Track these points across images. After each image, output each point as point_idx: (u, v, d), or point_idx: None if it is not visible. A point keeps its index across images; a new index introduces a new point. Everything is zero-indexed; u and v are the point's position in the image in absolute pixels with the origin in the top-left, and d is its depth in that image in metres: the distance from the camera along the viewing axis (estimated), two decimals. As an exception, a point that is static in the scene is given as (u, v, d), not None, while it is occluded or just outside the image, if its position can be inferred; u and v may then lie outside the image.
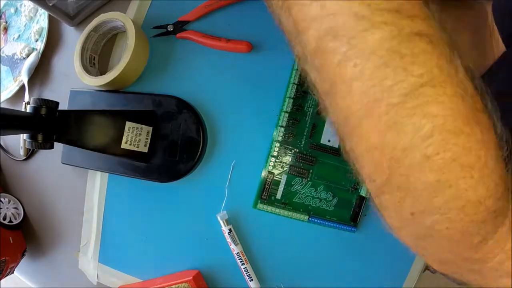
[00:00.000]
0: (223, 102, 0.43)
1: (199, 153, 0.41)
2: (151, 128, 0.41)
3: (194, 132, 0.41)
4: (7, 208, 0.48)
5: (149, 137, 0.41)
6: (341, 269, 0.43)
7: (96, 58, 0.46)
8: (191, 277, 0.40)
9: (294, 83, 0.41)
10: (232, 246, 0.41)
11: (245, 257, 0.41)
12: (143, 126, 0.41)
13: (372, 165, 0.20)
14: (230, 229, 0.41)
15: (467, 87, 0.18)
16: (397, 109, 0.17)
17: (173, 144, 0.41)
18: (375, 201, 0.23)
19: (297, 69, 0.41)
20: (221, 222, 0.41)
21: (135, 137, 0.40)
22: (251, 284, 0.41)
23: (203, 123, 0.42)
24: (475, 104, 0.19)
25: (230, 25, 0.43)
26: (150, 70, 0.44)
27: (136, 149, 0.41)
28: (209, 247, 0.43)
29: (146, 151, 0.41)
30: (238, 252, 0.41)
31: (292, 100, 0.41)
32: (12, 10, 0.54)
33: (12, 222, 0.47)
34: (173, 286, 0.41)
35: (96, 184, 0.45)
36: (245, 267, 0.41)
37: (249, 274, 0.41)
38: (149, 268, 0.44)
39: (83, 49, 0.43)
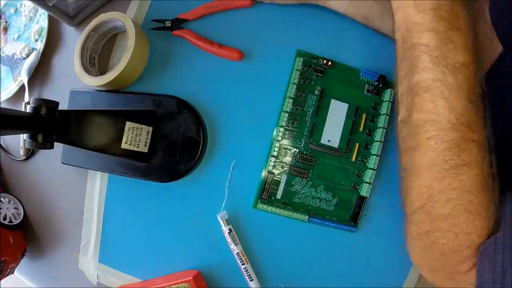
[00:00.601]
0: (223, 102, 0.43)
1: (199, 153, 0.41)
2: (151, 128, 0.41)
3: (194, 132, 0.41)
4: (7, 208, 0.48)
5: (149, 137, 0.41)
6: (341, 269, 0.43)
7: (96, 58, 0.46)
8: (191, 277, 0.40)
9: (294, 83, 0.41)
10: (232, 246, 0.41)
11: (245, 257, 0.41)
12: (143, 126, 0.41)
13: (417, 194, 0.31)
14: (230, 229, 0.41)
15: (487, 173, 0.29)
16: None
17: (173, 144, 0.41)
18: (406, 221, 0.33)
19: (297, 69, 0.41)
20: (221, 222, 0.41)
21: (135, 137, 0.40)
22: (251, 284, 0.41)
23: (203, 123, 0.41)
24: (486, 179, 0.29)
25: (227, 30, 0.43)
26: (150, 70, 0.44)
27: (136, 149, 0.41)
28: (209, 247, 0.43)
29: (146, 151, 0.41)
30: (238, 252, 0.41)
31: (292, 100, 0.41)
32: (12, 10, 0.54)
33: (12, 222, 0.47)
34: (173, 286, 0.41)
35: (96, 184, 0.45)
36: (245, 267, 0.41)
37: (249, 274, 0.41)
38: (149, 268, 0.44)
39: (83, 49, 0.43)
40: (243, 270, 0.41)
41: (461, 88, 0.28)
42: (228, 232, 0.41)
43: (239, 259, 0.41)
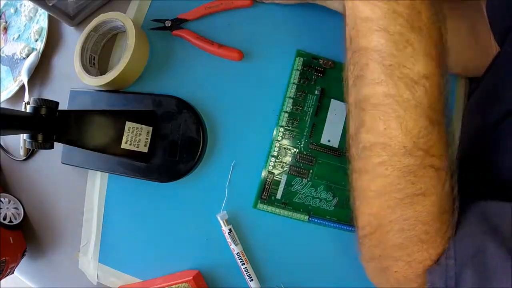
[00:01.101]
0: (223, 102, 0.43)
1: (199, 153, 0.41)
2: (151, 128, 0.41)
3: (194, 132, 0.41)
4: (7, 208, 0.48)
5: (149, 137, 0.41)
6: (341, 269, 0.43)
7: (96, 58, 0.46)
8: (191, 277, 0.40)
9: (294, 83, 0.41)
10: (232, 246, 0.41)
11: (245, 257, 0.41)
12: (143, 126, 0.41)
13: (366, 221, 0.28)
14: (230, 229, 0.41)
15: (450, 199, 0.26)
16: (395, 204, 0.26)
17: (173, 144, 0.41)
18: (358, 241, 0.31)
19: (297, 69, 0.41)
20: (221, 222, 0.41)
21: (135, 137, 0.40)
22: (251, 284, 0.41)
23: (203, 123, 0.41)
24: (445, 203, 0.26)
25: (227, 30, 0.43)
26: (150, 70, 0.44)
27: (136, 149, 0.41)
28: (209, 247, 0.43)
29: (146, 151, 0.41)
30: (238, 252, 0.41)
31: (292, 100, 0.41)
32: (12, 10, 0.54)
33: (12, 222, 0.47)
34: (173, 286, 0.41)
35: (96, 184, 0.45)
36: (245, 267, 0.41)
37: (249, 274, 0.41)
38: (149, 268, 0.44)
39: (83, 49, 0.43)
40: (243, 270, 0.41)
41: (419, 106, 0.23)
42: (228, 232, 0.41)
43: (239, 259, 0.41)
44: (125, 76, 0.42)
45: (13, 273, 0.49)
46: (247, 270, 0.41)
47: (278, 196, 0.41)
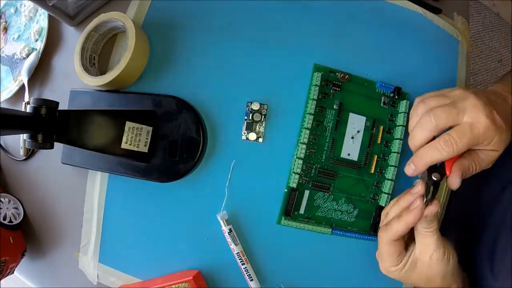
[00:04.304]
0: (223, 102, 0.43)
1: (199, 153, 0.41)
2: (151, 128, 0.41)
3: (194, 132, 0.41)
4: (7, 208, 0.48)
5: (149, 137, 0.41)
6: (341, 270, 0.43)
7: (96, 58, 0.46)
8: (191, 277, 0.40)
9: (313, 99, 0.41)
10: (232, 246, 0.41)
11: (245, 257, 0.41)
12: (143, 126, 0.41)
13: None
14: (230, 229, 0.41)
15: None
16: None
17: (173, 144, 0.41)
18: None
19: (316, 84, 0.41)
20: (221, 222, 0.41)
21: (135, 137, 0.40)
22: (251, 284, 0.41)
23: (203, 123, 0.41)
24: None
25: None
26: (150, 70, 0.44)
27: (136, 149, 0.41)
28: (209, 247, 0.43)
29: (146, 151, 0.41)
30: (238, 252, 0.41)
31: (312, 117, 0.40)
32: (12, 10, 0.54)
33: (12, 222, 0.47)
34: (173, 286, 0.41)
35: (96, 184, 0.45)
36: (245, 267, 0.41)
37: (249, 274, 0.41)
38: (149, 268, 0.44)
39: (83, 49, 0.43)
40: (243, 270, 0.41)
41: None
42: (228, 232, 0.41)
43: (239, 259, 0.41)
44: (125, 76, 0.42)
45: (13, 273, 0.49)
46: (247, 270, 0.41)
47: (301, 211, 0.42)
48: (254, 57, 0.43)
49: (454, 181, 0.35)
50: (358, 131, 0.41)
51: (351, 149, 0.41)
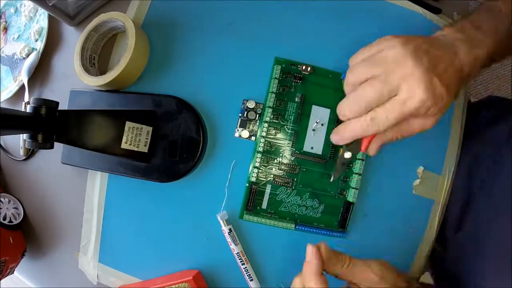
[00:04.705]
0: (223, 102, 0.43)
1: (199, 153, 0.41)
2: (151, 128, 0.41)
3: (194, 132, 0.41)
4: (7, 208, 0.48)
5: (149, 137, 0.41)
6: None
7: (96, 58, 0.46)
8: (191, 277, 0.40)
9: (272, 92, 0.40)
10: (232, 246, 0.41)
11: (245, 257, 0.41)
12: (143, 126, 0.41)
13: None
14: (230, 229, 0.41)
15: None
16: None
17: (173, 144, 0.41)
18: None
19: (275, 77, 0.41)
20: (221, 222, 0.41)
21: (135, 137, 0.40)
22: (251, 284, 0.41)
23: (203, 123, 0.41)
24: None
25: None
26: (150, 70, 0.44)
27: (136, 149, 0.41)
28: (209, 247, 0.43)
29: (146, 151, 0.41)
30: (238, 252, 0.41)
31: (271, 110, 0.40)
32: (12, 10, 0.54)
33: (12, 222, 0.47)
34: (173, 286, 0.41)
35: (96, 184, 0.45)
36: (245, 267, 0.41)
37: (249, 274, 0.41)
38: (149, 268, 0.44)
39: (83, 49, 0.43)
40: (243, 270, 0.41)
41: None
42: (228, 232, 0.41)
43: (239, 259, 0.41)
44: (125, 76, 0.42)
45: (13, 273, 0.49)
46: (247, 270, 0.41)
47: (264, 206, 0.41)
48: (254, 57, 0.43)
49: (370, 153, 0.38)
50: (322, 124, 0.40)
51: (314, 142, 0.41)
